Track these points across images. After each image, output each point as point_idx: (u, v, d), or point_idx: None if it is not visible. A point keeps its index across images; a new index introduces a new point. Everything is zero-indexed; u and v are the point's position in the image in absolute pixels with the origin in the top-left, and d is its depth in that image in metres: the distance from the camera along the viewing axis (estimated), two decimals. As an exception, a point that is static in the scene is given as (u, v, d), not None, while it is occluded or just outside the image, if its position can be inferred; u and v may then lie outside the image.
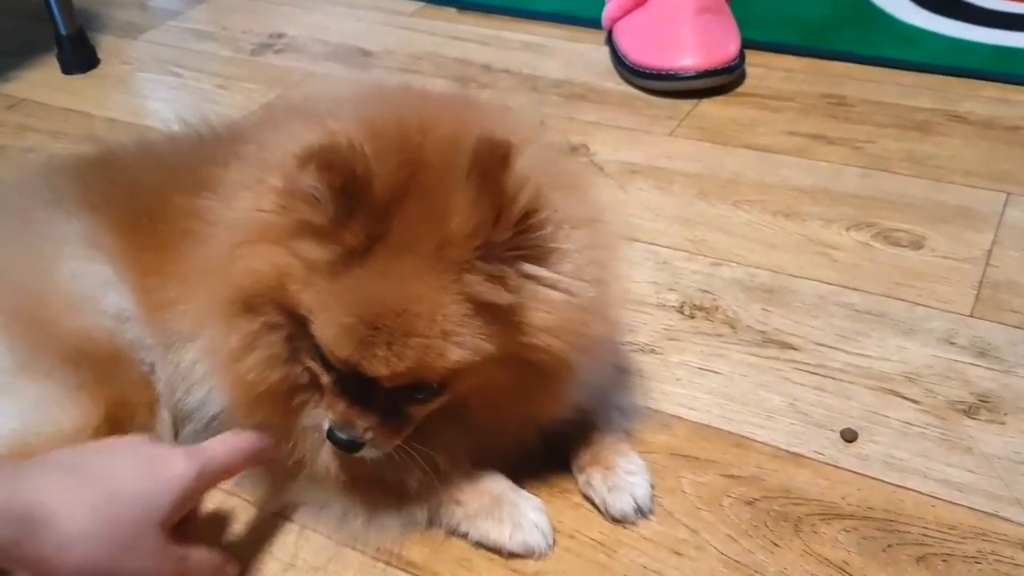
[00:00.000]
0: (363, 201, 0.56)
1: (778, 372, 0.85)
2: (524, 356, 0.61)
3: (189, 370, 0.73)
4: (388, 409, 0.63)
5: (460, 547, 0.71)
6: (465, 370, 0.60)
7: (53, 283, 0.73)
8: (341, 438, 0.63)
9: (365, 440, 0.63)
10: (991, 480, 0.73)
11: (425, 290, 0.57)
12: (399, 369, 0.58)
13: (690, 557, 0.69)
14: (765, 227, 1.03)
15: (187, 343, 0.73)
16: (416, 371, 0.59)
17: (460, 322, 0.58)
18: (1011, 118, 1.18)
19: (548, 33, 1.51)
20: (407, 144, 0.60)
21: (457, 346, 0.58)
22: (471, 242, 0.56)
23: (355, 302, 0.58)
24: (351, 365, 0.59)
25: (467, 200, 0.56)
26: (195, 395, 0.74)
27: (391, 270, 0.58)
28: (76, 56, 1.51)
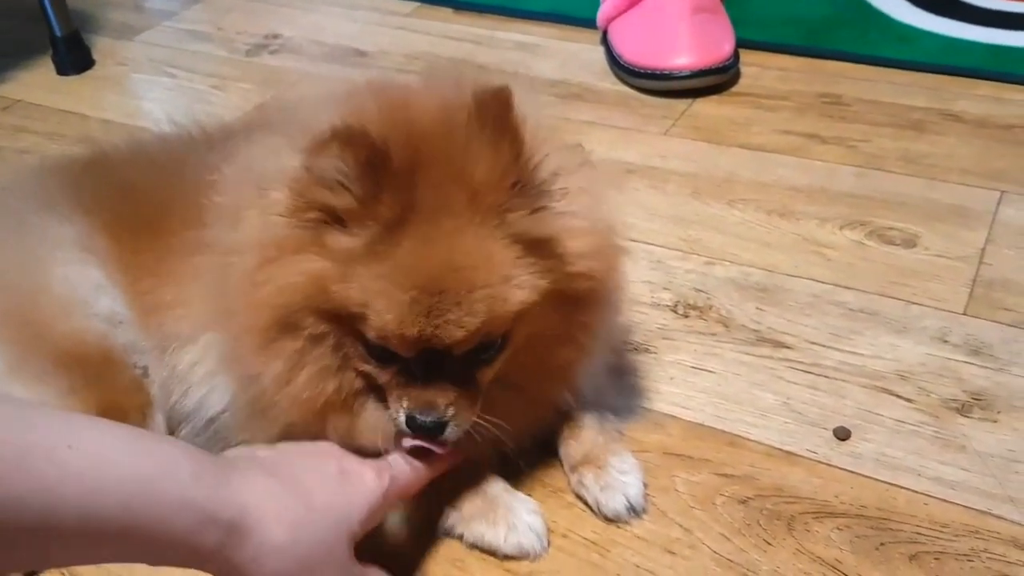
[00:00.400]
0: (388, 173, 0.57)
1: (771, 371, 0.85)
2: (571, 287, 0.62)
3: (187, 372, 0.73)
4: (459, 380, 0.62)
5: (453, 548, 0.71)
6: (523, 315, 0.60)
7: (45, 286, 0.73)
8: (425, 422, 0.61)
9: (448, 417, 0.62)
10: (984, 478, 0.73)
11: (474, 242, 0.58)
12: (473, 327, 0.58)
13: (683, 556, 0.69)
14: (759, 226, 1.04)
15: (184, 345, 0.73)
16: (487, 325, 0.59)
17: (514, 264, 0.59)
18: (1005, 117, 1.18)
19: (543, 33, 1.51)
20: (399, 120, 0.60)
21: (518, 288, 0.59)
22: (503, 183, 0.58)
23: (410, 275, 0.57)
24: (424, 340, 0.58)
25: (485, 147, 0.57)
26: (192, 397, 0.73)
27: (434, 234, 0.58)
28: (71, 57, 1.51)
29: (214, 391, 0.73)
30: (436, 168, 0.58)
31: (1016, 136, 1.15)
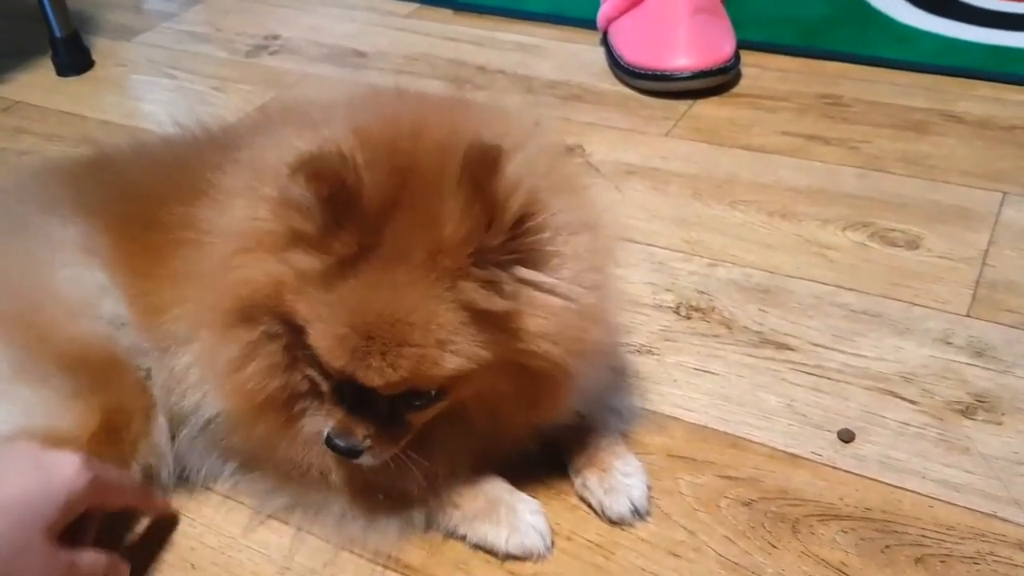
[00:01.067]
0: (353, 210, 0.56)
1: (775, 373, 0.85)
2: (522, 363, 0.61)
3: (184, 374, 0.73)
4: (387, 416, 0.63)
5: (458, 550, 0.71)
6: (463, 377, 0.60)
7: (49, 289, 0.73)
8: (340, 445, 0.63)
9: (363, 448, 0.63)
10: (989, 480, 0.73)
11: (419, 299, 0.57)
12: (393, 379, 0.58)
13: (688, 559, 0.69)
14: (761, 227, 1.03)
15: (182, 347, 0.72)
16: (411, 380, 0.59)
17: (455, 330, 0.57)
18: (1007, 118, 1.18)
19: (543, 34, 1.51)
20: (398, 151, 0.60)
21: (453, 354, 0.58)
22: (464, 249, 0.56)
23: (348, 312, 0.58)
24: (347, 375, 0.59)
25: (459, 207, 0.55)
26: (190, 398, 0.73)
27: (384, 279, 0.57)
28: (70, 58, 1.51)
29: (210, 393, 0.72)
30: (414, 211, 0.58)
31: (1018, 137, 1.15)
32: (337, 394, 0.63)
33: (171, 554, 0.73)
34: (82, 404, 0.69)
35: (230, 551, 0.73)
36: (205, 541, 0.74)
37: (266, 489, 0.75)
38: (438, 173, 0.58)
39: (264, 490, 0.75)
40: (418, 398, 0.62)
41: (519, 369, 0.61)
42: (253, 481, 0.76)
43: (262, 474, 0.75)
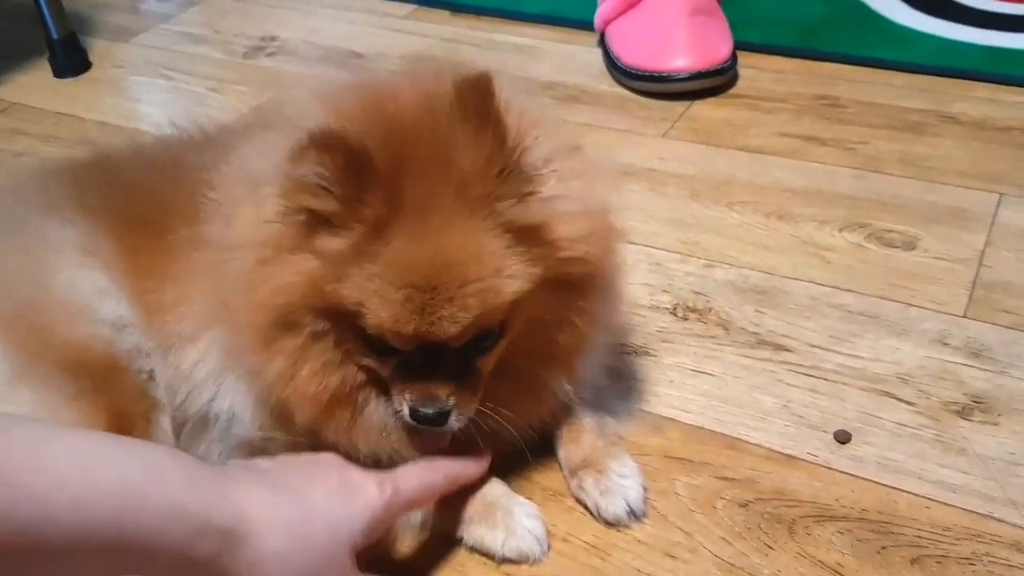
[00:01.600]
0: (369, 175, 0.56)
1: (771, 374, 0.85)
2: (567, 272, 0.62)
3: (190, 371, 0.73)
4: (459, 370, 0.62)
5: (454, 551, 0.70)
6: (520, 303, 0.60)
7: (49, 292, 0.73)
8: (428, 413, 0.62)
9: (450, 407, 0.62)
10: (985, 481, 0.73)
11: (464, 236, 0.58)
12: (467, 321, 0.58)
13: (684, 560, 0.69)
14: (758, 228, 1.03)
15: (186, 344, 0.72)
16: (482, 318, 0.59)
17: (505, 254, 0.59)
18: (1003, 119, 1.18)
19: (540, 35, 1.50)
20: (385, 114, 0.60)
21: (511, 278, 0.59)
22: (488, 174, 0.57)
23: (401, 273, 0.57)
24: (419, 337, 0.59)
25: (468, 138, 0.57)
26: (197, 396, 0.73)
27: (423, 230, 0.58)
28: (67, 60, 1.51)
29: (220, 390, 0.73)
30: (421, 163, 0.58)
31: (1014, 138, 1.15)
32: (404, 368, 0.62)
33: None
34: (85, 406, 0.69)
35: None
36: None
37: None
38: (432, 119, 0.58)
39: None
40: (484, 339, 0.62)
41: (561, 285, 0.62)
42: None
43: None
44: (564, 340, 0.66)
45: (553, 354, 0.67)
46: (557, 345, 0.66)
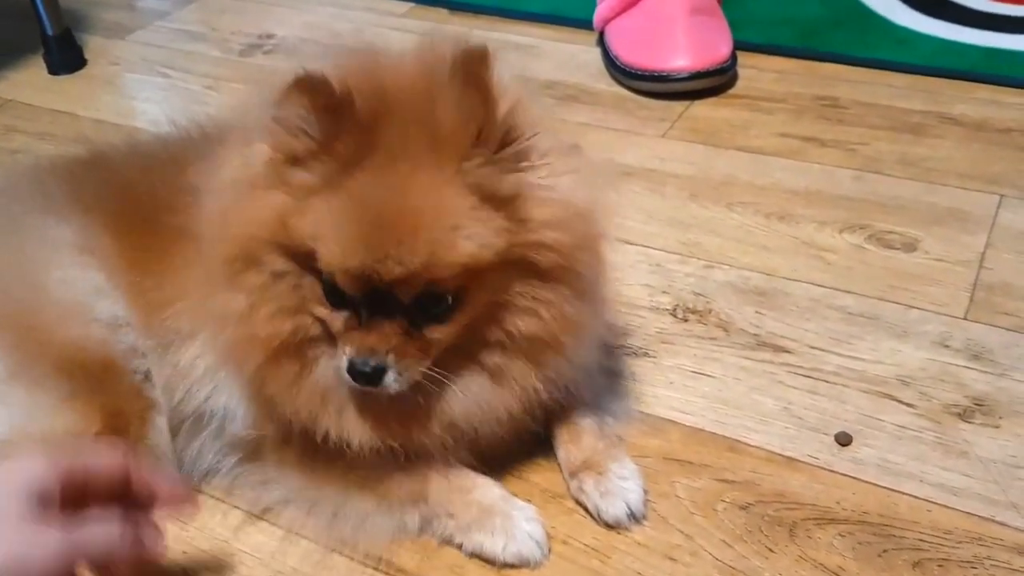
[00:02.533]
0: (347, 115, 0.58)
1: (772, 375, 0.84)
2: (534, 258, 0.62)
3: (189, 368, 0.72)
4: (407, 330, 0.62)
5: (452, 554, 0.70)
6: (479, 274, 0.60)
7: (45, 291, 0.72)
8: (364, 369, 0.61)
9: (388, 364, 0.62)
10: (986, 484, 0.73)
11: (427, 186, 0.59)
12: (413, 266, 0.58)
13: (684, 563, 0.69)
14: (758, 229, 1.03)
15: (185, 341, 0.72)
16: (432, 271, 0.59)
17: (466, 215, 0.59)
18: (1003, 120, 1.18)
19: (539, 34, 1.50)
20: (375, 72, 0.62)
21: (467, 239, 0.59)
22: (466, 131, 0.58)
23: (358, 209, 0.59)
24: (365, 274, 0.59)
25: (454, 99, 0.58)
26: (195, 393, 0.73)
27: (390, 174, 0.59)
28: (63, 57, 1.50)
29: (217, 387, 0.72)
30: (403, 114, 0.60)
31: (1014, 140, 1.14)
32: (352, 320, 0.62)
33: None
34: (80, 406, 0.69)
35: (223, 555, 0.72)
36: (197, 545, 0.73)
37: (263, 480, 0.74)
38: (424, 81, 0.60)
39: (260, 481, 0.74)
40: (436, 303, 0.61)
41: (528, 271, 0.62)
42: (251, 473, 0.75)
43: (261, 465, 0.74)
44: (527, 330, 0.64)
45: (517, 344, 0.65)
46: (521, 335, 0.65)
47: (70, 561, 0.57)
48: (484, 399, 0.67)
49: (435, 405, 0.66)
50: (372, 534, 0.70)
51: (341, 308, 0.63)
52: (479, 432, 0.69)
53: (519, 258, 0.61)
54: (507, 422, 0.69)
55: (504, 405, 0.68)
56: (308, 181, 0.60)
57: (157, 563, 0.64)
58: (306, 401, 0.67)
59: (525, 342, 0.65)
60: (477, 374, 0.67)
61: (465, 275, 0.60)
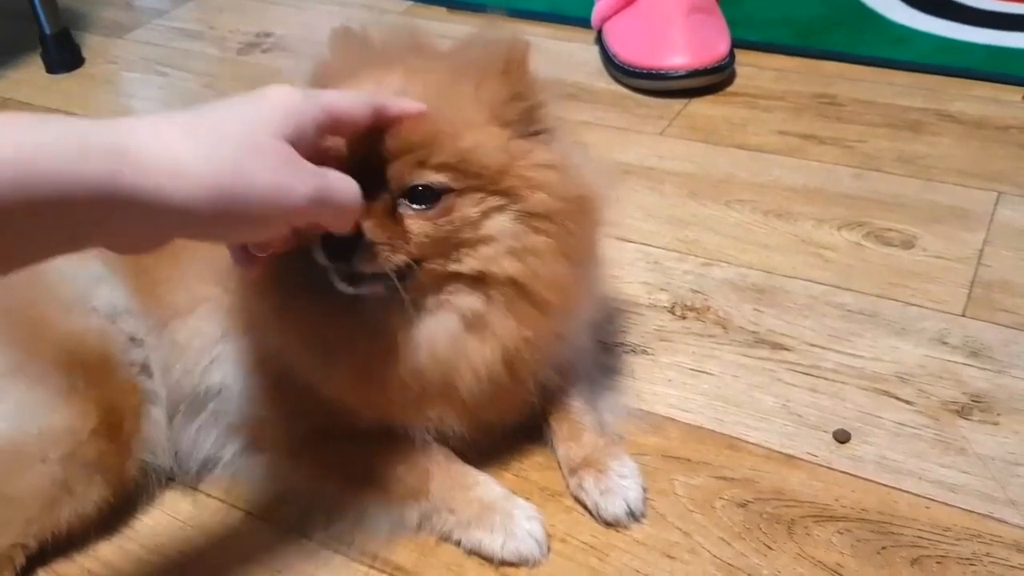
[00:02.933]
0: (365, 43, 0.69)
1: (770, 373, 0.84)
2: (523, 195, 0.63)
3: (187, 343, 0.73)
4: (387, 213, 0.61)
5: (450, 551, 0.70)
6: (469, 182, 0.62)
7: (42, 282, 0.72)
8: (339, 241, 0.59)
9: (363, 239, 0.59)
10: (985, 481, 0.73)
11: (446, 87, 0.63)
12: (415, 136, 0.60)
13: (683, 560, 0.69)
14: (757, 227, 1.03)
15: (182, 316, 0.73)
16: (429, 146, 0.60)
17: (475, 119, 0.62)
18: (1002, 118, 1.18)
19: (537, 32, 1.50)
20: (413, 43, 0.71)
21: (471, 134, 0.61)
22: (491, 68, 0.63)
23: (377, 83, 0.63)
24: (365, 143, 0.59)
25: (489, 65, 0.63)
26: (193, 368, 0.73)
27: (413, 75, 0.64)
28: (60, 55, 1.50)
29: (215, 362, 0.73)
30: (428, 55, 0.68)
31: (1013, 137, 1.14)
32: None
33: (161, 557, 0.72)
34: (78, 400, 0.69)
35: (220, 554, 0.72)
36: (195, 543, 0.73)
37: (261, 476, 0.74)
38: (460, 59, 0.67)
39: (259, 477, 0.74)
40: (423, 196, 0.61)
41: (520, 211, 0.63)
42: (250, 468, 0.75)
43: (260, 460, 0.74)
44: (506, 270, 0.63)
45: (496, 289, 0.64)
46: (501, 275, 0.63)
47: (320, 205, 0.53)
48: (456, 344, 0.65)
49: (400, 345, 0.64)
50: (371, 529, 0.70)
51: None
52: (457, 386, 0.66)
53: (512, 190, 0.63)
54: (488, 380, 0.66)
55: (481, 356, 0.65)
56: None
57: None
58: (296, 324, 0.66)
59: (505, 287, 0.64)
60: (448, 317, 0.65)
61: (458, 170, 0.61)
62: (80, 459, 0.68)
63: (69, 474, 0.68)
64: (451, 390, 0.66)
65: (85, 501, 0.69)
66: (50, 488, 0.68)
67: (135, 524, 0.75)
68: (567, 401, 0.76)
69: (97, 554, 0.72)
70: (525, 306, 0.65)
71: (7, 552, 0.68)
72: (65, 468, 0.68)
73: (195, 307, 0.73)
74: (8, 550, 0.68)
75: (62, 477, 0.68)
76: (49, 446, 0.68)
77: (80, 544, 0.72)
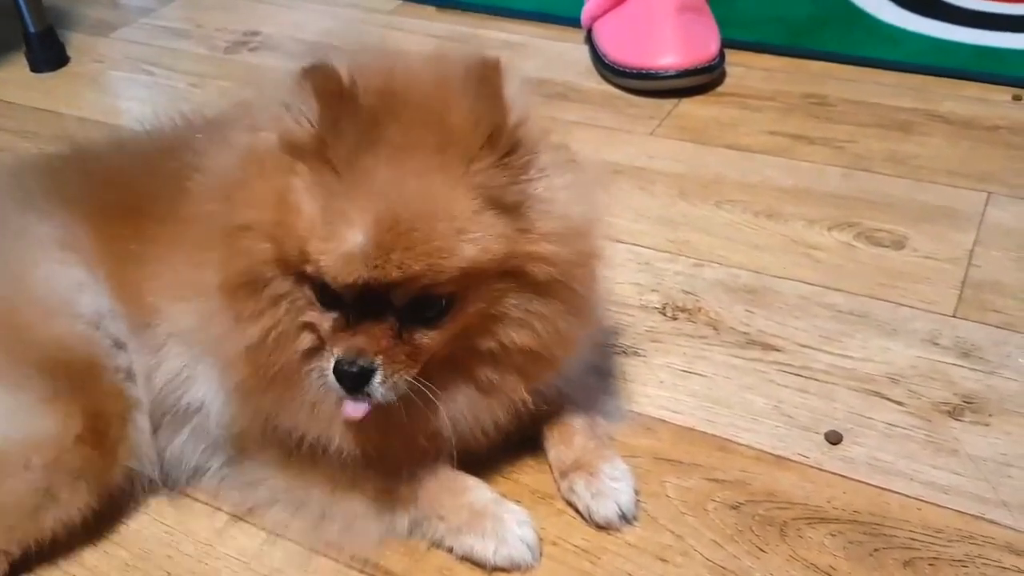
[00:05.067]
0: (352, 108, 0.58)
1: (762, 374, 0.84)
2: (531, 270, 0.61)
3: (167, 352, 0.72)
4: (396, 335, 0.61)
5: (442, 556, 0.69)
6: (474, 279, 0.60)
7: (26, 289, 0.72)
8: (350, 370, 0.60)
9: (375, 367, 0.60)
10: (977, 482, 0.73)
11: (433, 185, 0.58)
12: (413, 271, 0.57)
13: (675, 563, 0.68)
14: (747, 227, 1.03)
15: (163, 321, 0.71)
16: (429, 273, 0.58)
17: (470, 218, 0.58)
18: (991, 118, 1.18)
19: (527, 32, 1.49)
20: (389, 71, 0.62)
21: (470, 243, 0.58)
22: (477, 132, 0.58)
23: (358, 208, 0.57)
24: (363, 278, 0.57)
25: (466, 103, 0.58)
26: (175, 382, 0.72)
27: (394, 170, 0.58)
28: (45, 54, 1.48)
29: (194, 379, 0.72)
30: (412, 113, 0.59)
31: (1002, 137, 1.15)
32: (340, 322, 0.61)
33: (147, 563, 0.71)
34: (61, 407, 0.68)
35: (207, 559, 0.71)
36: (182, 549, 0.72)
37: (249, 482, 0.73)
38: (435, 85, 0.60)
39: (247, 483, 0.73)
40: (429, 306, 0.60)
41: (524, 283, 0.62)
42: (237, 474, 0.74)
43: (248, 466, 0.73)
44: (521, 342, 0.64)
45: (510, 358, 0.65)
46: (515, 347, 0.64)
47: None
48: (471, 411, 0.67)
49: (420, 417, 0.65)
50: (360, 536, 0.69)
51: (331, 309, 0.61)
52: (465, 442, 0.68)
53: (516, 269, 0.61)
54: (493, 432, 0.69)
55: (491, 416, 0.67)
56: (311, 178, 0.59)
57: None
58: (292, 412, 0.66)
59: (518, 355, 0.65)
60: (464, 385, 0.66)
61: (462, 280, 0.59)
62: (64, 466, 0.67)
63: (53, 481, 0.67)
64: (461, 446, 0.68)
65: (69, 508, 0.68)
66: (33, 495, 0.67)
67: (121, 529, 0.74)
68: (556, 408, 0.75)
69: (82, 560, 0.71)
70: (535, 364, 0.66)
71: (-11, 559, 0.67)
72: (49, 475, 0.67)
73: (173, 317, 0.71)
74: (-10, 557, 0.67)
75: (46, 484, 0.67)
76: (33, 453, 0.67)
77: (65, 550, 0.71)
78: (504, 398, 0.67)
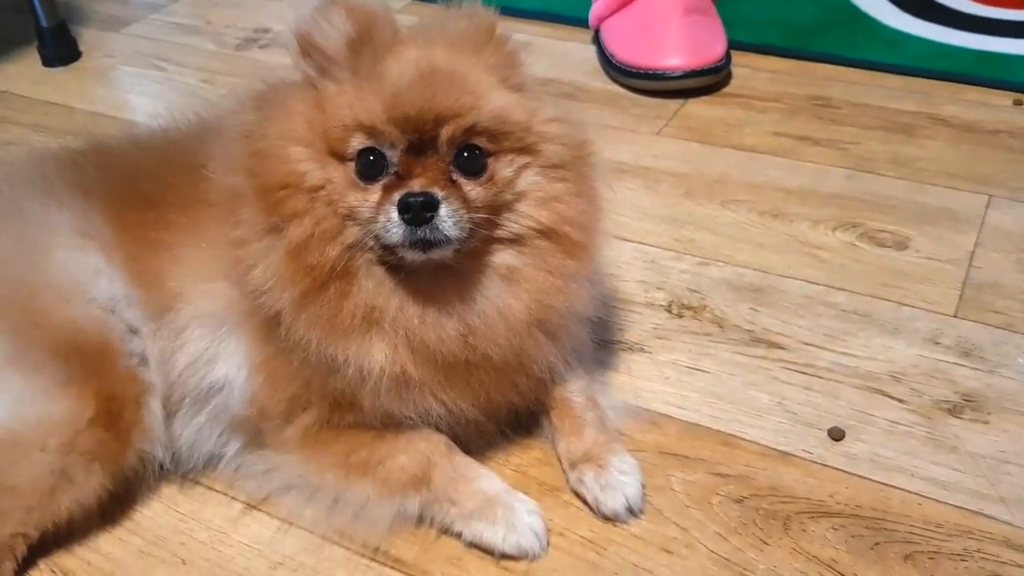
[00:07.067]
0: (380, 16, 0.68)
1: (766, 371, 0.85)
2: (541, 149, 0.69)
3: (189, 334, 0.73)
4: (448, 179, 0.66)
5: (450, 545, 0.71)
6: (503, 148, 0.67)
7: (43, 275, 0.73)
8: (417, 199, 0.63)
9: (441, 198, 0.64)
10: (976, 479, 0.74)
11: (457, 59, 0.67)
12: (459, 102, 0.65)
13: (680, 555, 0.70)
14: (752, 227, 1.04)
15: (185, 305, 0.73)
16: (471, 110, 0.65)
17: (491, 85, 0.68)
18: (992, 122, 1.20)
19: (535, 31, 1.50)
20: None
21: (497, 96, 0.67)
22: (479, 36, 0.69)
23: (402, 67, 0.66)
24: (415, 107, 0.64)
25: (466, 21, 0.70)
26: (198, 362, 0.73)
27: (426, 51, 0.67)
28: (57, 49, 1.49)
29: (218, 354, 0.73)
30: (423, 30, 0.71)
31: (1003, 141, 1.16)
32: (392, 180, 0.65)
33: (162, 550, 0.73)
34: (75, 390, 0.69)
35: (221, 546, 0.72)
36: (195, 536, 0.73)
37: (264, 469, 0.74)
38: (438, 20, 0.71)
39: (262, 470, 0.75)
40: (473, 158, 0.66)
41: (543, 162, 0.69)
42: (252, 463, 0.75)
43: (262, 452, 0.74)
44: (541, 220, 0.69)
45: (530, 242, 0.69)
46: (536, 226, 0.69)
47: None
48: (501, 301, 0.69)
49: (455, 301, 0.68)
50: (372, 520, 0.71)
51: (377, 175, 0.65)
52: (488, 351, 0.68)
53: (532, 147, 0.68)
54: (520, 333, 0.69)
55: (518, 311, 0.69)
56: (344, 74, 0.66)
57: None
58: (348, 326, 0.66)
59: (537, 239, 0.69)
60: (491, 277, 0.69)
61: (495, 135, 0.66)
62: (79, 448, 0.69)
63: (69, 462, 0.68)
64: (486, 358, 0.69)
65: (85, 489, 0.70)
66: (50, 476, 0.68)
67: (135, 516, 0.75)
68: (569, 397, 0.77)
69: (98, 546, 0.73)
70: (555, 254, 0.70)
71: (8, 541, 0.68)
72: (65, 456, 0.68)
73: (196, 300, 0.73)
74: (9, 539, 0.68)
75: (62, 465, 0.68)
76: (48, 435, 0.68)
77: (81, 536, 0.73)
78: (529, 291, 0.69)
